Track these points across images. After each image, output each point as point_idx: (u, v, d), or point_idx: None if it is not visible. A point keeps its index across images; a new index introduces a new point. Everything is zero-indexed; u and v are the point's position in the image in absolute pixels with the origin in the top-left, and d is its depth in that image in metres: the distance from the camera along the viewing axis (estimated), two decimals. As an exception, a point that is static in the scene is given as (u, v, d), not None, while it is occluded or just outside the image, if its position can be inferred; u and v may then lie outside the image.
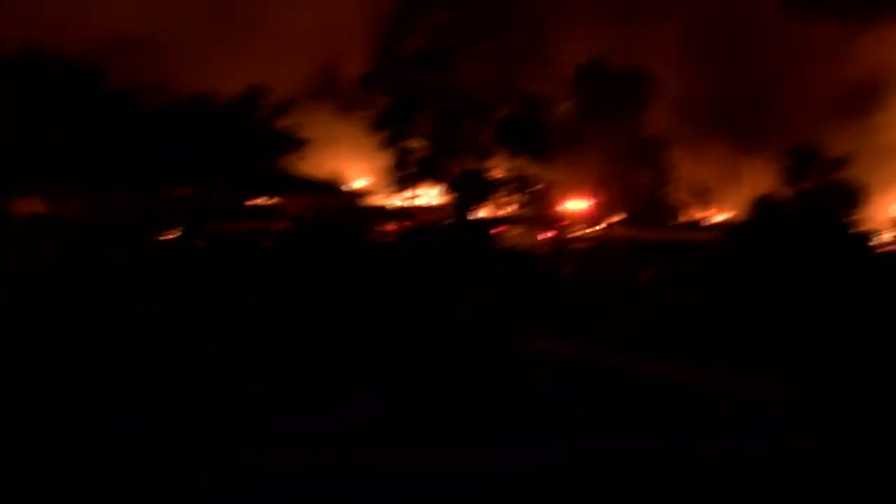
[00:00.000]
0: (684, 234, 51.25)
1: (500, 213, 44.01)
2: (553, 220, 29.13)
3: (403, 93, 43.60)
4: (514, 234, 27.75)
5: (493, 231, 29.59)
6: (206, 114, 34.52)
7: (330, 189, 44.54)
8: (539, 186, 44.87)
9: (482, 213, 44.89)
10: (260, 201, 33.42)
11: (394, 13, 46.99)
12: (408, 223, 34.99)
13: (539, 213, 36.55)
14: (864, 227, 28.73)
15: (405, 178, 43.58)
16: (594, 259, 26.70)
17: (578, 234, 30.22)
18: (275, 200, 33.29)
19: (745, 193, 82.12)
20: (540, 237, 26.58)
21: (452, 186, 43.81)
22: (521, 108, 45.38)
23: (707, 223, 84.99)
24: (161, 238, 23.14)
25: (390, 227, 33.51)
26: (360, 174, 56.01)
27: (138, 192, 28.99)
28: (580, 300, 16.55)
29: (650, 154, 66.56)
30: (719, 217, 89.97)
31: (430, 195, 45.46)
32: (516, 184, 45.16)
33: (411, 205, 43.02)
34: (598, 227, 35.32)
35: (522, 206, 44.43)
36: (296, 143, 38.09)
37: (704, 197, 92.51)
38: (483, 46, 45.73)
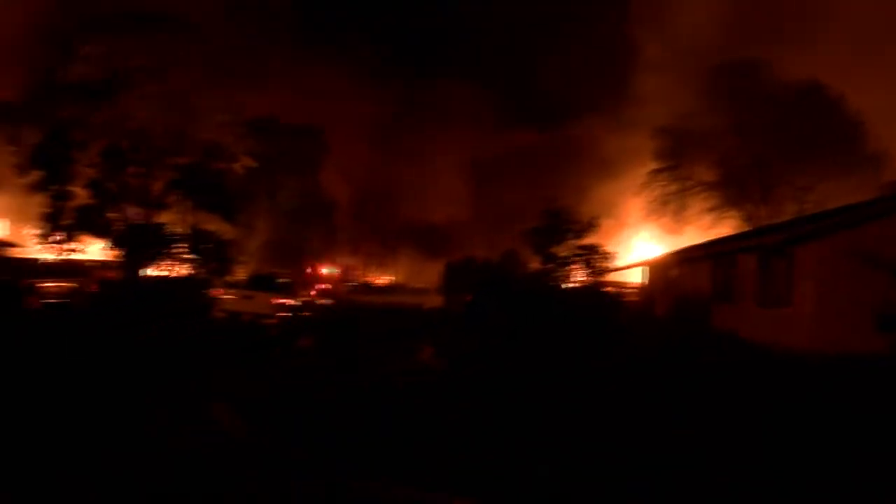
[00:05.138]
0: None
1: (180, 271, 38.83)
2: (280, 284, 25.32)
3: (59, 126, 36.83)
4: (233, 299, 23.44)
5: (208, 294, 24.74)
6: None
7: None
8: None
9: (151, 271, 39.32)
10: None
11: (53, 35, 40.22)
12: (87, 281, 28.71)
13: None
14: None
15: (61, 228, 36.58)
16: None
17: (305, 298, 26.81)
18: None
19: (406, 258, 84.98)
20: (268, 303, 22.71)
21: (119, 240, 37.69)
22: (198, 156, 40.89)
23: (377, 286, 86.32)
24: None
25: (49, 285, 27.05)
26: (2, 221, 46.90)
27: None
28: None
29: (322, 213, 65.51)
30: (383, 280, 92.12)
31: (91, 248, 38.79)
32: (194, 240, 40.28)
33: (70, 259, 36.02)
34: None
35: (202, 264, 39.64)
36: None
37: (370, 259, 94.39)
38: (157, 84, 40.48)
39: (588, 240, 28.26)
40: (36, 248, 37.27)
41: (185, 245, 40.08)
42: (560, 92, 67.72)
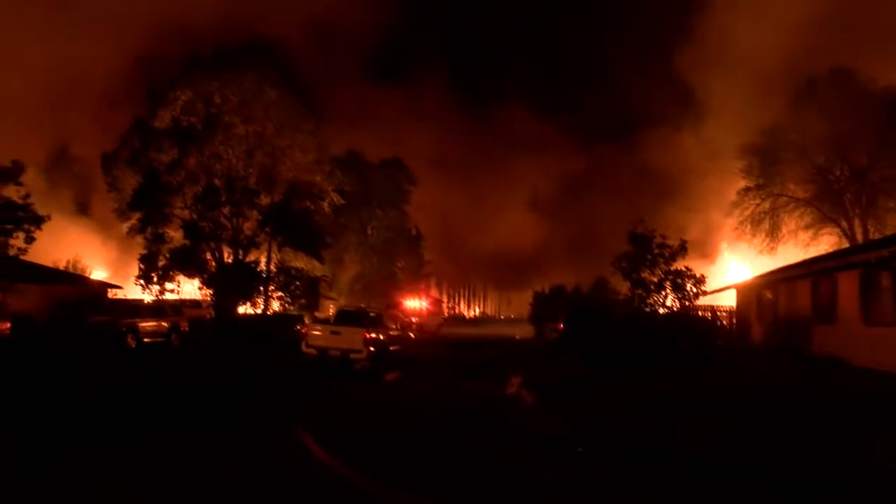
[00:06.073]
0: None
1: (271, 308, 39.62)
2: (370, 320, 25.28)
3: (154, 171, 38.24)
4: (322, 335, 23.54)
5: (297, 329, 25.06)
6: None
7: (68, 279, 37.58)
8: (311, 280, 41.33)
9: (243, 308, 40.21)
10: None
11: (145, 83, 41.93)
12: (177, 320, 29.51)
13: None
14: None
15: (157, 269, 37.88)
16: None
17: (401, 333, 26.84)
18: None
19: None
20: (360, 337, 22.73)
21: (212, 279, 38.77)
22: (288, 195, 41.74)
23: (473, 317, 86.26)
24: None
25: (146, 325, 27.86)
26: (103, 263, 48.91)
27: None
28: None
29: (410, 246, 65.90)
30: (473, 312, 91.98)
31: (186, 288, 39.93)
32: (283, 277, 41.12)
33: (166, 299, 37.08)
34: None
35: (291, 301, 40.41)
36: (27, 219, 31.34)
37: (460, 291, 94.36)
38: (245, 124, 41.26)
39: (680, 263, 27.29)
40: (135, 289, 38.64)
41: (275, 282, 41.03)
42: (637, 113, 67.02)
